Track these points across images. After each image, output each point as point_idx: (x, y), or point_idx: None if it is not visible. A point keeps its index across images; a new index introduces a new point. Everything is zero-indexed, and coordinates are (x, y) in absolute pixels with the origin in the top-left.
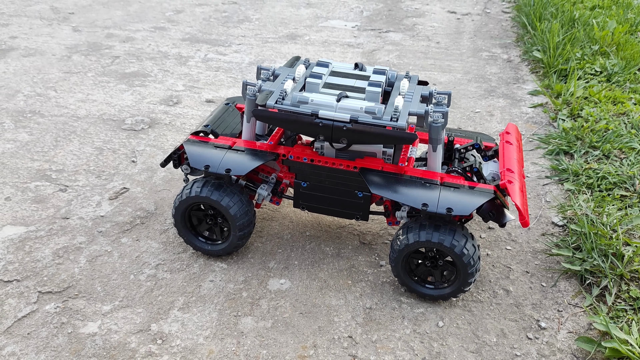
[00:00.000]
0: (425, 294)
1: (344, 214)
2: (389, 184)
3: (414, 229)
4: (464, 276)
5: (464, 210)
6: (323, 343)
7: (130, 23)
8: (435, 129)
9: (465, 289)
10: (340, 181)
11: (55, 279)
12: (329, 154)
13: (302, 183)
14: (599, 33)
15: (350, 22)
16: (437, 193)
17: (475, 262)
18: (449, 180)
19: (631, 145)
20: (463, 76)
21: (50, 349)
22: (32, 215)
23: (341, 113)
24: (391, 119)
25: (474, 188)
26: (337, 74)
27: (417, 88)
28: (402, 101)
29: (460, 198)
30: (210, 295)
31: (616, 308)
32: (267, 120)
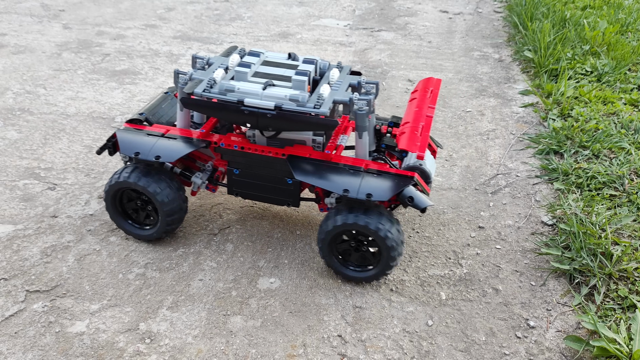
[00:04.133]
0: (351, 276)
1: (275, 201)
2: (314, 171)
3: (340, 213)
4: (387, 259)
5: (383, 196)
6: (312, 342)
7: (121, 20)
8: (360, 117)
9: (387, 272)
10: (270, 168)
11: (43, 278)
12: (261, 141)
13: (234, 170)
14: (590, 33)
15: (342, 21)
16: (360, 179)
17: (397, 245)
18: (373, 167)
19: (621, 145)
20: (454, 75)
21: (38, 348)
22: (20, 213)
23: (266, 101)
24: (314, 106)
25: (394, 175)
26: (269, 63)
27: (347, 77)
28: (328, 90)
29: (380, 184)
30: (200, 294)
31: (605, 307)
32: (194, 108)
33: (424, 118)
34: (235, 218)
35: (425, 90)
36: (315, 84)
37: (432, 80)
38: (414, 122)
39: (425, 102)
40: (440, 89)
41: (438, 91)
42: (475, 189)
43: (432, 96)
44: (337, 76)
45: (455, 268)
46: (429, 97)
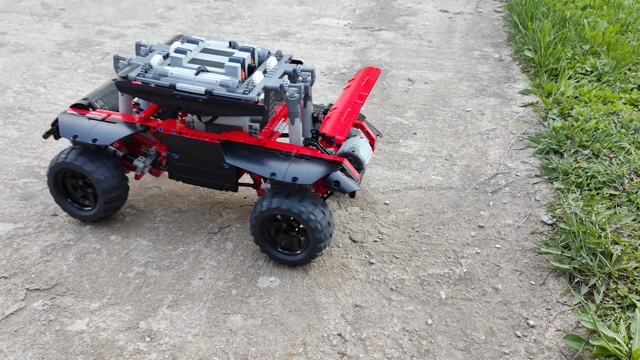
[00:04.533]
0: (281, 259)
1: (213, 185)
2: (245, 156)
3: (269, 197)
4: (314, 242)
5: (308, 180)
6: (312, 341)
7: (121, 19)
8: (291, 103)
9: (316, 254)
10: (207, 153)
11: (43, 276)
12: (199, 127)
13: (173, 155)
14: (590, 33)
15: (342, 20)
16: (287, 164)
17: (323, 228)
18: (305, 153)
19: (620, 144)
20: (454, 75)
21: (38, 346)
22: (20, 212)
23: (198, 86)
24: (244, 92)
25: (323, 160)
26: (208, 50)
27: (283, 66)
28: (261, 77)
29: (307, 169)
30: (200, 293)
31: (604, 306)
32: (128, 92)
33: (352, 105)
34: (235, 217)
35: (361, 79)
36: (252, 71)
37: (372, 70)
38: (341, 109)
39: (358, 90)
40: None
41: (374, 80)
42: (475, 188)
43: (365, 84)
44: (274, 64)
45: (455, 267)
46: (363, 85)
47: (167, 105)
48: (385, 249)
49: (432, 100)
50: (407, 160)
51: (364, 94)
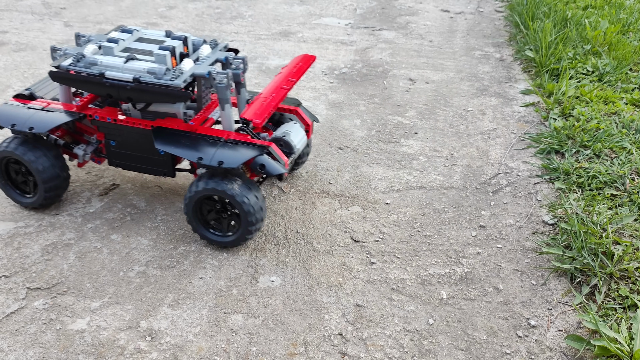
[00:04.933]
0: (212, 240)
1: (151, 171)
2: (175, 141)
3: (205, 178)
4: (245, 224)
5: (233, 163)
6: (313, 340)
7: (122, 19)
8: (220, 90)
9: (247, 237)
10: (142, 140)
11: (44, 275)
12: (135, 115)
13: (111, 142)
14: (591, 33)
15: (343, 19)
16: (215, 149)
17: (255, 212)
18: (234, 138)
19: (622, 144)
20: (455, 75)
21: (39, 345)
22: (21, 211)
23: (126, 74)
24: (170, 79)
25: (250, 144)
26: (144, 40)
27: (217, 54)
28: (190, 64)
29: (233, 153)
30: (200, 293)
31: (606, 306)
32: (62, 81)
33: (278, 90)
34: None
35: (293, 66)
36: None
37: (306, 57)
38: (266, 94)
39: (287, 76)
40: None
41: (307, 67)
42: (476, 188)
43: (297, 71)
44: (207, 52)
45: (456, 267)
46: (293, 72)
47: (99, 93)
48: (386, 248)
49: (433, 100)
50: (408, 160)
51: (292, 80)
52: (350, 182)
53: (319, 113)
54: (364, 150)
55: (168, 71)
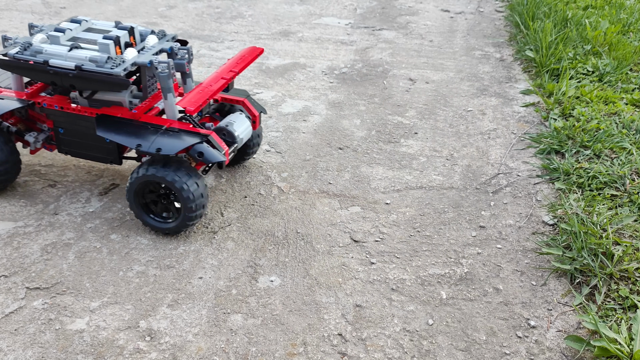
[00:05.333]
0: (153, 226)
1: (98, 158)
2: (117, 129)
3: (147, 165)
4: (185, 211)
5: (171, 150)
6: (313, 340)
7: (122, 18)
8: (162, 79)
9: (188, 224)
10: (88, 127)
11: (43, 275)
12: (83, 103)
13: (59, 130)
14: (592, 33)
15: (343, 19)
16: (155, 136)
17: (195, 198)
18: (176, 126)
19: (622, 145)
20: (456, 74)
21: (38, 345)
22: (21, 210)
23: (69, 62)
24: (111, 67)
25: (190, 132)
26: (92, 30)
27: (162, 44)
28: (133, 53)
29: (171, 140)
30: (200, 292)
31: (605, 307)
32: (9, 69)
33: (217, 81)
34: (236, 216)
35: (238, 58)
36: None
37: (253, 49)
38: (205, 84)
39: (230, 67)
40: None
41: (252, 59)
42: (476, 189)
43: (240, 61)
44: (153, 42)
45: (455, 267)
46: (236, 63)
47: (44, 81)
48: (386, 248)
49: (433, 100)
50: (408, 160)
51: (233, 71)
52: (350, 182)
53: (319, 113)
54: (363, 150)
55: (109, 59)
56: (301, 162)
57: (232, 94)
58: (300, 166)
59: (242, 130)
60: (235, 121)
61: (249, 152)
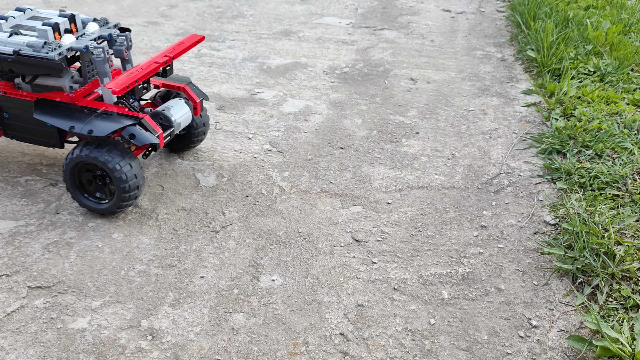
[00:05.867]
0: (89, 206)
1: (41, 142)
2: (54, 112)
3: (81, 146)
4: (118, 192)
5: (102, 132)
6: (314, 340)
7: (123, 17)
8: (98, 64)
9: (122, 205)
10: (29, 111)
11: (45, 274)
12: (26, 88)
13: (4, 114)
14: (593, 33)
15: (344, 19)
16: (88, 119)
17: (128, 179)
18: (112, 109)
19: (624, 145)
20: (457, 74)
21: (40, 344)
22: (22, 209)
23: (8, 47)
24: (47, 52)
25: (123, 115)
26: (37, 18)
27: (101, 31)
28: (71, 39)
29: (104, 123)
30: (202, 292)
31: (607, 307)
32: None
33: (150, 65)
34: (238, 215)
35: (176, 44)
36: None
37: (192, 36)
38: (136, 67)
39: (164, 52)
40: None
41: (190, 46)
42: (477, 188)
43: (177, 47)
44: (93, 30)
45: (457, 267)
46: (172, 49)
47: None
48: (387, 248)
49: (435, 100)
50: (409, 160)
51: (168, 56)
52: (352, 181)
53: (321, 112)
54: (365, 149)
55: (46, 44)
56: (302, 161)
57: (174, 81)
58: (302, 166)
59: (180, 116)
60: (173, 106)
61: (195, 139)
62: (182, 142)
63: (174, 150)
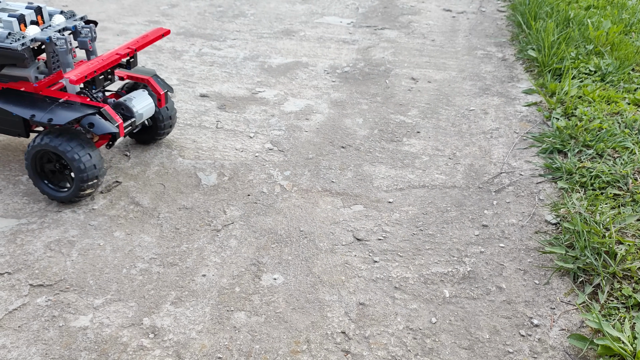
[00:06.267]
0: (49, 194)
1: (7, 131)
2: (17, 101)
3: (42, 135)
4: (77, 181)
5: (62, 121)
6: (316, 338)
7: (124, 16)
8: (61, 54)
9: (81, 194)
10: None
11: (46, 272)
12: None
13: None
14: (594, 33)
15: (345, 18)
16: (49, 108)
17: (87, 169)
18: (73, 99)
19: (624, 144)
20: (458, 74)
21: (41, 342)
22: (24, 208)
23: None
24: (10, 42)
25: (83, 105)
26: (5, 10)
27: (66, 22)
28: (35, 30)
29: (64, 112)
30: (203, 290)
31: (608, 306)
32: None
33: (111, 56)
34: (239, 214)
35: (140, 36)
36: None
37: (158, 30)
38: (97, 59)
39: (128, 44)
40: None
41: (153, 39)
42: (478, 188)
43: (141, 40)
44: (59, 21)
45: (458, 266)
46: (135, 41)
47: None
48: (389, 247)
49: (436, 99)
50: (410, 159)
51: (130, 48)
52: (353, 180)
53: (322, 112)
54: (366, 149)
55: (10, 35)
56: (304, 160)
57: (139, 73)
58: (303, 165)
59: (142, 107)
60: (135, 97)
61: (160, 132)
62: (149, 134)
63: (142, 142)
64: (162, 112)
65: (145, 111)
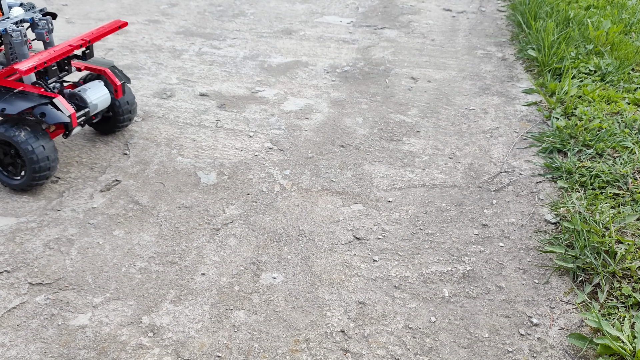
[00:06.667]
0: (3, 181)
1: None
2: None
3: None
4: (29, 171)
5: (14, 110)
6: (315, 337)
7: (124, 16)
8: (16, 45)
9: (33, 183)
10: None
11: (46, 271)
12: None
13: None
14: (594, 32)
15: (345, 18)
16: (3, 97)
17: (39, 159)
18: (28, 90)
19: (624, 144)
20: (458, 74)
21: (40, 340)
22: (23, 206)
23: None
24: None
25: (36, 95)
26: None
27: (25, 14)
28: None
29: (16, 101)
30: (202, 289)
31: (608, 305)
32: None
33: (64, 47)
34: (239, 213)
35: (96, 28)
36: None
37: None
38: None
39: (82, 36)
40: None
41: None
42: (478, 187)
43: (96, 31)
44: (17, 13)
45: (458, 265)
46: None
47: None
48: (388, 246)
49: (436, 99)
50: (410, 158)
51: (84, 39)
52: (352, 180)
53: (321, 111)
54: (366, 148)
55: None
56: (303, 159)
57: (96, 64)
58: (303, 164)
59: (97, 97)
60: (90, 88)
61: (120, 123)
62: (109, 124)
63: (102, 132)
64: (120, 102)
65: (100, 102)
